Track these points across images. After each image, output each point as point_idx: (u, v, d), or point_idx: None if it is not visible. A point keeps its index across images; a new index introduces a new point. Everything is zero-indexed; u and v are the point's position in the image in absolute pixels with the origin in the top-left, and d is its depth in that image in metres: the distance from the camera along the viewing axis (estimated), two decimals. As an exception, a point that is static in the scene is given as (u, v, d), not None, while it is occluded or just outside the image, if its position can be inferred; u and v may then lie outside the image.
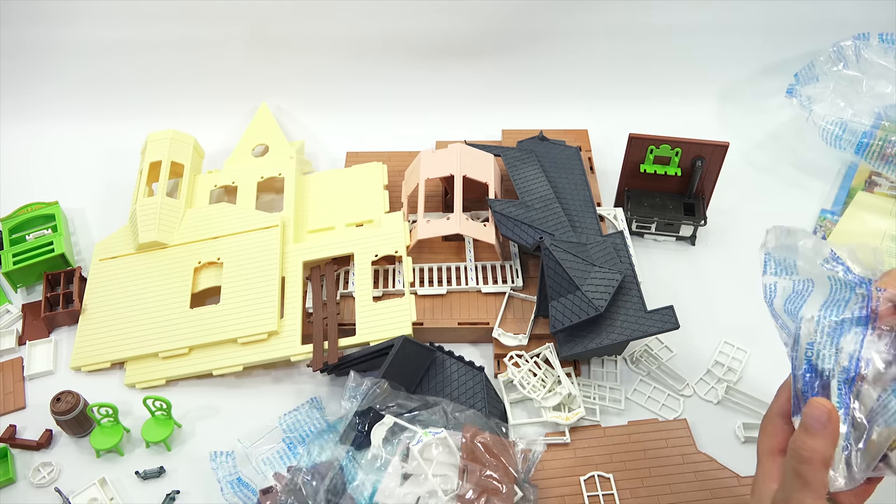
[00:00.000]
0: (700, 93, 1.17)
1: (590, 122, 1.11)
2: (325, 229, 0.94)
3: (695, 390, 0.83)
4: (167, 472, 0.77)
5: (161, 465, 0.77)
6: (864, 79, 1.05)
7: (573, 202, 0.93)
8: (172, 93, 1.14)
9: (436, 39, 1.12)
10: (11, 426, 0.79)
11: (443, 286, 0.89)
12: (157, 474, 0.77)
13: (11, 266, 0.91)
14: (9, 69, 1.11)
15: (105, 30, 1.08)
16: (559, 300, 0.81)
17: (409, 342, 0.78)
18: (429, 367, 0.81)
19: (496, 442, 0.70)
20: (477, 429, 0.70)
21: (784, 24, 1.13)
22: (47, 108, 1.14)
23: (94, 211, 1.04)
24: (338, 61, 1.13)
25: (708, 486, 0.74)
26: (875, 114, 1.01)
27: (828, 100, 1.04)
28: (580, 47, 1.14)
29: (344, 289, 0.89)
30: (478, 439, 0.69)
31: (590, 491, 0.74)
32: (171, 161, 1.00)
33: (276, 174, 1.00)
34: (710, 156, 0.92)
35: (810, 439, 0.48)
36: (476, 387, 0.79)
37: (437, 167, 0.94)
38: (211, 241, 0.93)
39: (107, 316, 0.88)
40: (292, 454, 0.77)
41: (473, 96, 1.16)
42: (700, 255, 0.97)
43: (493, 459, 0.68)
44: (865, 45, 1.06)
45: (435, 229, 0.89)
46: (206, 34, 1.10)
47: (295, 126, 1.14)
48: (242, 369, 0.84)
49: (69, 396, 0.77)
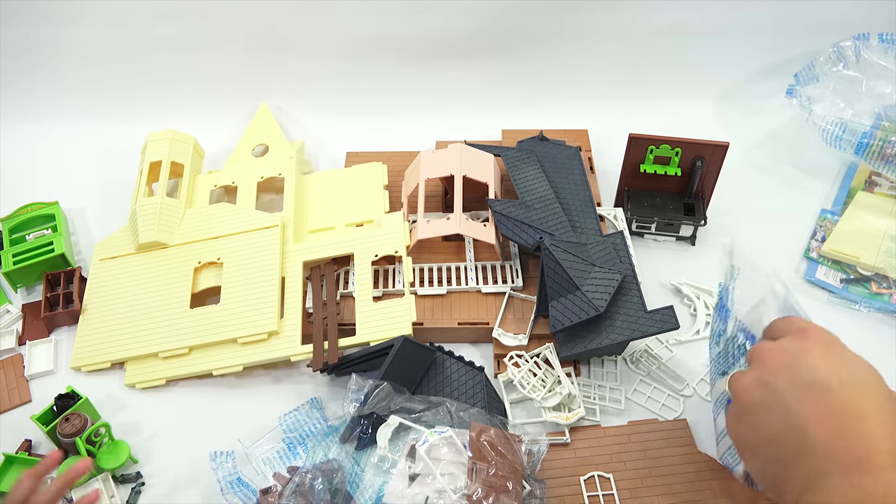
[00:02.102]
0: (700, 93, 1.17)
1: (590, 122, 1.11)
2: (325, 229, 0.94)
3: (695, 390, 0.83)
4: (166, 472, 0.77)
5: (138, 471, 0.77)
6: (864, 79, 1.05)
7: (573, 202, 0.93)
8: (172, 93, 1.14)
9: (436, 39, 1.12)
10: (27, 440, 0.79)
11: (443, 286, 0.89)
12: (134, 478, 0.76)
13: (11, 266, 0.91)
14: (9, 69, 1.11)
15: (105, 30, 1.08)
16: (559, 300, 0.81)
17: (408, 342, 0.78)
18: (429, 367, 0.81)
19: (502, 438, 0.70)
20: (483, 426, 0.70)
21: (784, 24, 1.13)
22: (47, 108, 1.14)
23: (94, 211, 1.04)
24: (338, 61, 1.13)
25: (708, 486, 0.74)
26: (875, 114, 1.01)
27: (828, 100, 1.04)
28: (580, 47, 1.14)
29: (344, 289, 0.89)
30: (484, 437, 0.69)
31: (590, 491, 0.74)
32: (171, 161, 1.00)
33: (276, 174, 1.00)
34: (710, 156, 0.92)
35: None
36: (476, 387, 0.79)
37: (437, 167, 0.94)
38: (211, 241, 0.93)
39: (107, 316, 0.88)
40: (292, 454, 0.77)
41: (473, 96, 1.16)
42: (700, 255, 0.97)
43: (499, 457, 0.68)
44: (865, 46, 1.06)
45: (435, 229, 0.89)
46: (206, 34, 1.10)
47: (295, 126, 1.14)
48: (242, 369, 0.84)
49: (76, 419, 0.76)
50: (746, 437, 0.51)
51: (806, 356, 0.48)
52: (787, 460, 0.47)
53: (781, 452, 0.48)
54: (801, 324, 0.51)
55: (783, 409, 0.47)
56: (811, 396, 0.46)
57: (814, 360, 0.48)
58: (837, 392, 0.45)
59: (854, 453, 0.44)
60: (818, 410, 0.46)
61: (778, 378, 0.48)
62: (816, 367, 0.47)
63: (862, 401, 0.45)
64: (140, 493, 0.76)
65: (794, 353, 0.49)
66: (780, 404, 0.48)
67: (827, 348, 0.49)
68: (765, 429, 0.49)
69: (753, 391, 0.50)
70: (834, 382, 0.46)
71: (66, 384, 0.80)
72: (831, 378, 0.46)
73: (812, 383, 0.47)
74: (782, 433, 0.47)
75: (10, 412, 0.82)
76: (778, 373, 0.49)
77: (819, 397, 0.46)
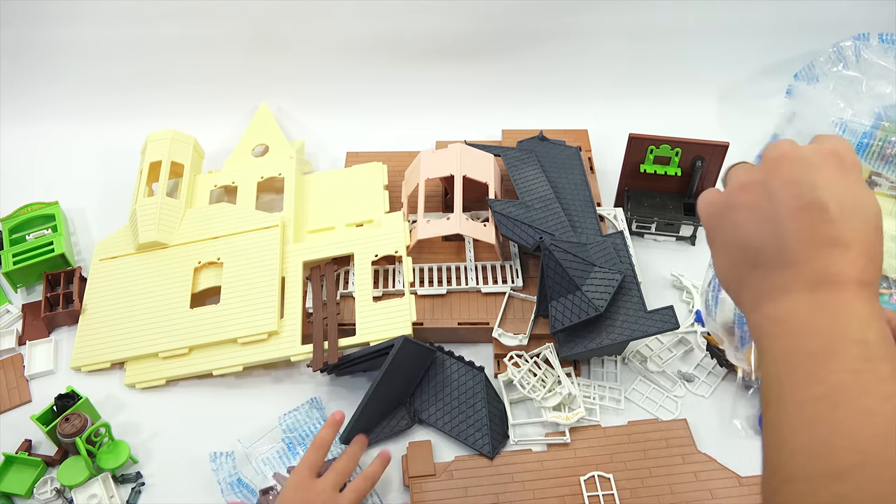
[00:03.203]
0: (700, 93, 1.17)
1: (590, 122, 1.11)
2: (325, 229, 0.94)
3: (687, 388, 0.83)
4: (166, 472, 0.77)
5: (138, 471, 0.77)
6: (863, 79, 1.05)
7: (573, 202, 0.93)
8: (172, 93, 1.14)
9: (436, 40, 1.12)
10: (27, 440, 0.79)
11: (443, 286, 0.89)
12: (134, 479, 0.76)
13: (11, 266, 0.91)
14: (9, 69, 1.11)
15: (105, 30, 1.08)
16: (559, 300, 0.81)
17: (409, 342, 0.78)
18: (429, 367, 0.81)
19: None
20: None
21: (784, 24, 1.13)
22: (47, 108, 1.14)
23: (94, 211, 1.04)
24: (338, 61, 1.13)
25: (708, 486, 0.74)
26: (875, 114, 1.01)
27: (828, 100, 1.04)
28: (581, 47, 1.14)
29: (344, 289, 0.89)
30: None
31: (590, 491, 0.74)
32: (171, 161, 1.00)
33: (276, 174, 1.00)
34: (710, 156, 0.92)
35: None
36: (476, 386, 0.79)
37: (437, 167, 0.94)
38: (211, 241, 0.93)
39: (107, 316, 0.88)
40: (292, 454, 0.77)
41: (473, 96, 1.16)
42: (700, 255, 0.97)
43: None
44: (865, 46, 1.06)
45: (435, 229, 0.89)
46: (206, 35, 1.10)
47: (295, 126, 1.14)
48: (242, 369, 0.84)
49: (76, 419, 0.76)
50: (724, 231, 0.50)
51: (818, 172, 0.46)
52: (758, 266, 0.47)
53: (756, 258, 0.47)
54: (832, 141, 0.49)
55: (774, 218, 0.47)
56: (806, 215, 0.45)
57: (824, 178, 0.46)
58: (834, 218, 0.45)
59: (824, 276, 0.44)
60: (808, 231, 0.45)
61: (782, 190, 0.47)
62: (824, 187, 0.46)
63: (853, 232, 0.45)
64: (140, 493, 0.76)
65: (808, 167, 0.47)
66: (772, 213, 0.47)
67: (843, 170, 0.47)
68: (747, 230, 0.48)
69: (752, 191, 0.49)
70: (835, 208, 0.45)
71: (66, 384, 0.80)
72: (833, 202, 0.45)
73: (812, 202, 0.46)
74: (763, 241, 0.47)
75: (10, 412, 0.82)
76: (785, 185, 0.47)
77: (813, 217, 0.45)
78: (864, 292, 0.43)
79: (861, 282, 0.44)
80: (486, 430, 0.77)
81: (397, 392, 0.80)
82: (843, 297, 0.43)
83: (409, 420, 0.79)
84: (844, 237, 0.44)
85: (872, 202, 0.46)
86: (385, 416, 0.79)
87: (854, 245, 0.44)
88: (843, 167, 0.47)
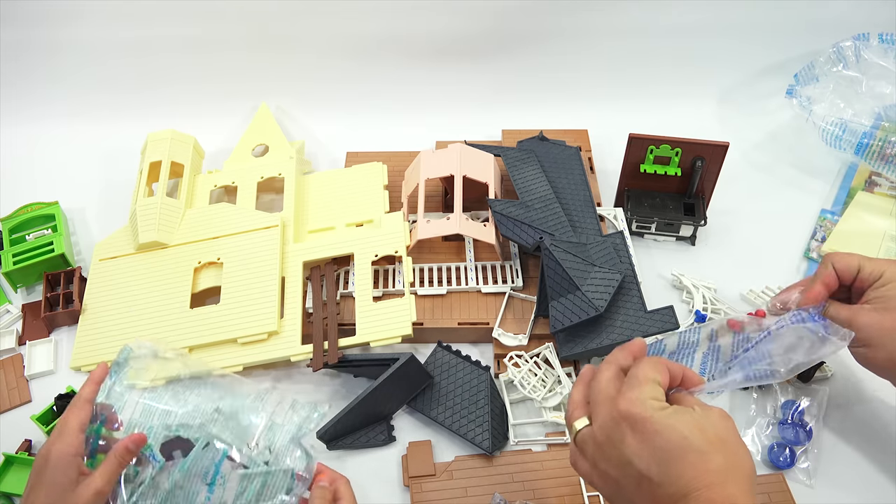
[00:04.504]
0: (700, 93, 1.17)
1: (590, 122, 1.11)
2: (325, 229, 0.94)
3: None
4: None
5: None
6: (863, 79, 1.05)
7: (573, 202, 0.93)
8: (172, 93, 1.14)
9: (436, 39, 1.12)
10: (27, 440, 0.79)
11: (443, 286, 0.89)
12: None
13: (11, 266, 0.91)
14: (9, 69, 1.11)
15: (105, 30, 1.08)
16: (559, 300, 0.81)
17: (414, 360, 0.78)
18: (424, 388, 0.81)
19: None
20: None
21: (784, 24, 1.13)
22: (47, 108, 1.14)
23: (94, 211, 1.04)
24: (338, 61, 1.13)
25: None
26: (875, 114, 1.01)
27: (828, 100, 1.04)
28: (580, 47, 1.14)
29: (344, 289, 0.89)
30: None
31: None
32: (171, 161, 1.00)
33: (276, 174, 1.00)
34: (710, 156, 0.92)
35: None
36: (480, 385, 0.79)
37: (437, 167, 0.94)
38: (211, 241, 0.93)
39: (107, 316, 0.88)
40: (292, 454, 0.77)
41: (473, 96, 1.16)
42: (700, 255, 0.97)
43: None
44: (865, 46, 1.06)
45: (435, 229, 0.89)
46: (206, 34, 1.10)
47: (295, 126, 1.14)
48: (242, 369, 0.84)
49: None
50: (592, 478, 0.57)
51: (624, 447, 0.53)
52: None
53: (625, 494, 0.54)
54: (621, 405, 0.54)
55: (628, 498, 0.54)
56: (631, 478, 0.53)
57: (628, 449, 0.52)
58: (661, 482, 0.51)
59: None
60: (640, 489, 0.52)
61: (614, 472, 0.54)
62: (635, 456, 0.52)
63: (679, 479, 0.50)
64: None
65: (611, 439, 0.54)
66: (624, 494, 0.54)
67: (636, 431, 0.52)
68: (607, 477, 0.55)
69: (595, 476, 0.56)
70: (652, 469, 0.51)
71: (66, 384, 0.80)
72: (645, 466, 0.51)
73: (631, 471, 0.52)
74: (619, 486, 0.54)
75: (10, 412, 0.82)
76: (610, 469, 0.54)
77: (638, 480, 0.52)
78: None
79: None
80: (488, 427, 0.77)
81: (385, 406, 0.80)
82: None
83: (387, 437, 0.79)
84: (678, 490, 0.50)
85: (679, 441, 0.51)
86: (366, 426, 0.79)
87: (692, 489, 0.49)
88: (635, 429, 0.52)
